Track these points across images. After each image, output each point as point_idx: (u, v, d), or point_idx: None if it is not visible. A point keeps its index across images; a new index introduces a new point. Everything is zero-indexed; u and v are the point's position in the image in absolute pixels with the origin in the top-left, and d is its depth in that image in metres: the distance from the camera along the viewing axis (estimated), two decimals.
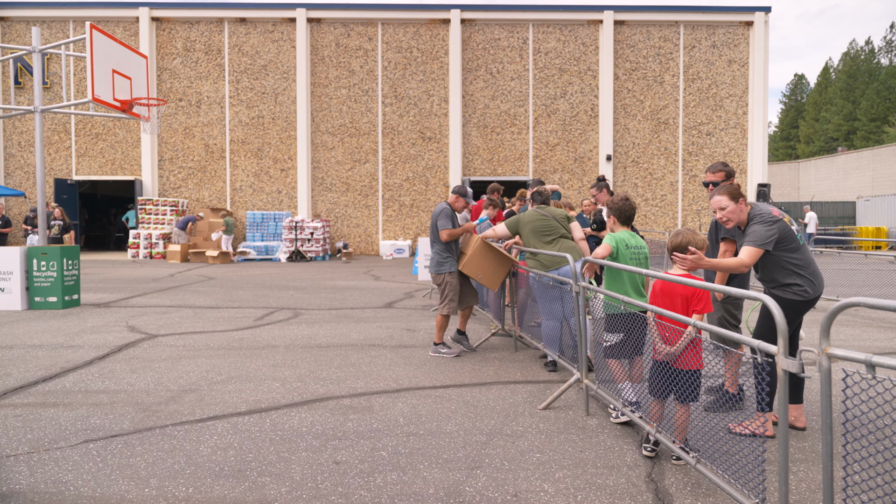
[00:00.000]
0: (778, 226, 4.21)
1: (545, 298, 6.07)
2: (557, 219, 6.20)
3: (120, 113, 10.71)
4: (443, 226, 6.70)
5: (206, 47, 23.81)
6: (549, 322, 6.08)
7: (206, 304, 10.69)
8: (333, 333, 8.11)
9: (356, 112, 23.99)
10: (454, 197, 7.05)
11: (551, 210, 6.30)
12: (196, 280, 14.77)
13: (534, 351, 7.09)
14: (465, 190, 7.05)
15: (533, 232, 6.19)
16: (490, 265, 6.70)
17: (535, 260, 6.16)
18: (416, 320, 9.20)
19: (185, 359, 6.63)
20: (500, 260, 6.75)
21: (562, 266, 5.91)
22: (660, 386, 3.91)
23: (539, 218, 6.23)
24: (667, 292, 3.98)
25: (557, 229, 6.15)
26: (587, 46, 24.07)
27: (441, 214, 6.76)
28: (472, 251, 6.65)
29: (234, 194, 24.03)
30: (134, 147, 23.88)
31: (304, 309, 10.25)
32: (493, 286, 6.78)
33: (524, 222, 6.30)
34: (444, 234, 6.67)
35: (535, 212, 6.30)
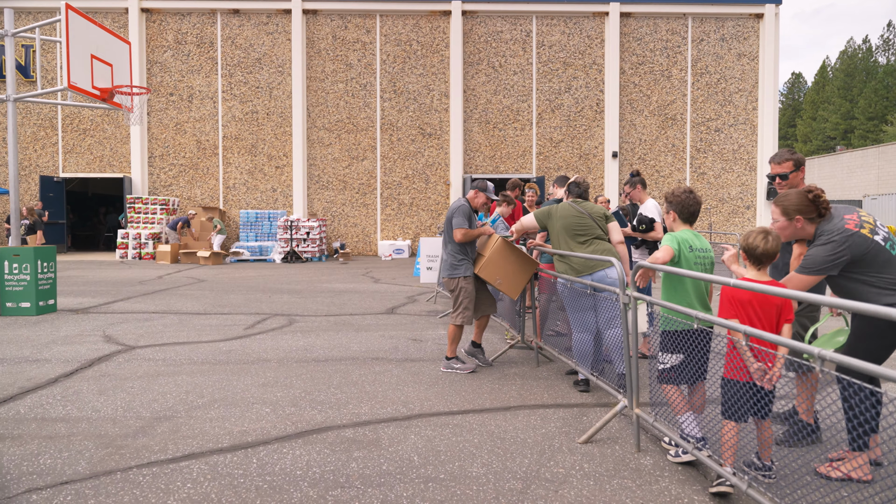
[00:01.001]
0: (848, 244, 3.43)
1: (576, 308, 5.29)
2: (594, 217, 5.41)
3: (100, 103, 9.89)
4: (458, 224, 5.91)
5: (198, 40, 22.96)
6: (580, 335, 5.30)
7: (194, 310, 9.88)
8: (332, 344, 7.31)
9: (354, 107, 23.17)
10: (473, 193, 6.26)
11: (588, 206, 5.50)
12: (185, 283, 13.95)
13: (558, 365, 6.31)
14: (486, 185, 6.27)
15: (565, 229, 5.41)
16: (511, 268, 5.91)
17: (564, 263, 5.37)
18: (421, 328, 8.41)
19: (164, 376, 5.82)
20: (523, 262, 5.96)
21: (597, 270, 5.13)
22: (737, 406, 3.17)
23: (573, 214, 5.44)
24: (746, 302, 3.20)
25: (593, 229, 5.36)
26: (592, 39, 23.29)
27: (458, 212, 5.97)
28: (491, 252, 5.86)
29: (228, 192, 23.18)
30: (123, 143, 23.02)
31: (299, 315, 9.44)
32: (514, 293, 5.99)
33: (556, 216, 5.50)
34: (459, 234, 5.88)
35: (569, 206, 5.50)
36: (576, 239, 5.35)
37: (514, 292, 5.98)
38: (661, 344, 3.83)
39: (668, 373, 3.80)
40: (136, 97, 10.32)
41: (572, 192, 5.67)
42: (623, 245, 5.42)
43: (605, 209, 5.50)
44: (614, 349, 5.13)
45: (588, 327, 5.28)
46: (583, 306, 5.25)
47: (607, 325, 5.20)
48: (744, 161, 23.55)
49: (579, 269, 5.20)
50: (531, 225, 5.79)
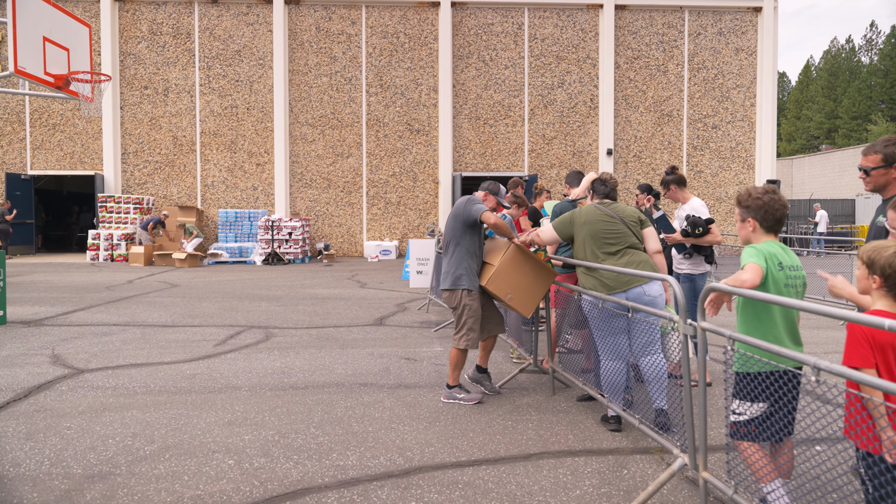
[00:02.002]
0: None
1: (607, 331, 4.41)
2: (627, 221, 4.53)
3: (54, 91, 8.87)
4: (480, 210, 5.01)
5: (174, 30, 21.84)
6: (611, 363, 4.42)
7: (160, 322, 8.90)
8: (313, 365, 6.38)
9: (338, 102, 22.17)
10: (483, 195, 5.37)
11: (619, 208, 4.61)
12: (156, 288, 12.94)
13: (576, 392, 5.43)
14: (499, 188, 5.38)
15: (592, 237, 4.52)
16: (525, 281, 5.02)
17: (592, 277, 4.48)
18: (414, 343, 7.50)
19: (111, 411, 4.87)
20: (539, 274, 5.07)
21: (633, 286, 4.26)
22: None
23: (602, 218, 4.55)
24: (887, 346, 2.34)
25: (625, 236, 4.48)
26: (586, 33, 22.46)
27: (470, 200, 5.12)
28: (503, 261, 4.96)
29: (206, 191, 22.10)
30: (95, 139, 21.86)
31: (277, 328, 8.50)
32: (527, 310, 5.09)
33: (580, 222, 4.61)
34: (492, 217, 4.93)
35: (595, 209, 4.61)
36: (604, 248, 4.47)
37: (528, 309, 5.09)
38: (737, 389, 2.96)
39: (745, 427, 2.93)
40: (95, 85, 9.30)
41: (598, 192, 4.78)
42: (661, 255, 4.54)
43: (638, 212, 4.62)
44: (653, 381, 4.27)
45: (621, 354, 4.41)
46: (614, 329, 4.38)
47: (643, 352, 4.34)
48: (741, 159, 22.86)
49: (611, 284, 4.32)
50: (552, 239, 4.87)
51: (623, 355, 4.42)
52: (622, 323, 4.36)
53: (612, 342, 4.40)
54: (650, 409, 4.57)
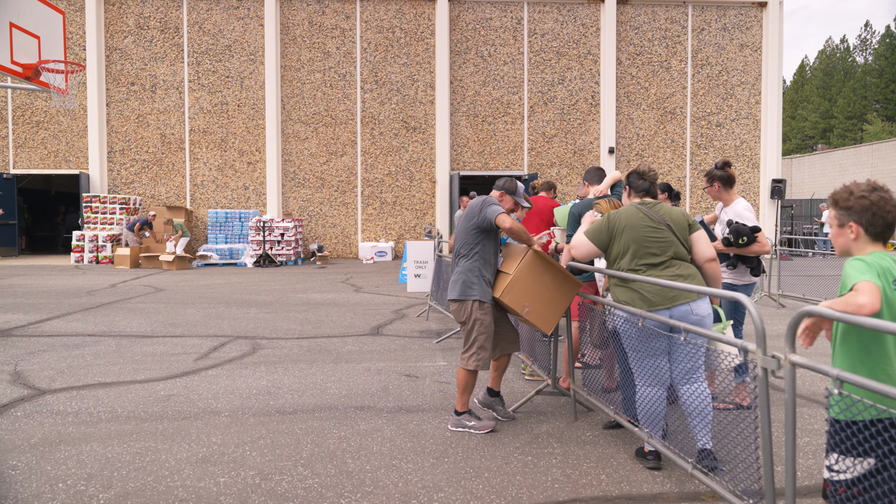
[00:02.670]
0: None
1: (644, 352, 3.77)
2: (674, 226, 3.85)
3: (23, 82, 8.18)
4: (498, 210, 4.37)
5: (162, 24, 21.12)
6: (649, 390, 3.79)
7: (139, 331, 8.22)
8: (303, 384, 5.73)
9: (332, 99, 21.49)
10: (498, 195, 4.72)
11: (664, 210, 3.92)
12: (140, 292, 12.25)
13: (600, 416, 4.80)
14: (516, 186, 4.72)
15: (635, 243, 3.85)
16: (545, 292, 4.37)
17: (629, 290, 3.82)
18: (415, 357, 6.85)
19: (68, 444, 4.21)
20: (561, 284, 4.43)
21: (679, 303, 3.62)
22: None
23: (645, 223, 3.86)
24: None
25: (672, 245, 3.81)
26: (587, 28, 21.85)
27: (486, 202, 4.48)
28: (520, 269, 4.32)
29: (195, 190, 21.38)
30: (80, 137, 21.11)
31: (265, 338, 7.84)
32: (547, 326, 4.45)
33: (619, 227, 3.91)
34: (508, 221, 4.28)
35: (636, 212, 3.92)
36: (647, 260, 3.80)
37: (548, 325, 4.44)
38: (837, 441, 2.33)
39: (846, 488, 2.31)
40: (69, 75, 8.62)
41: (636, 188, 4.09)
42: (716, 263, 3.84)
43: (687, 214, 3.93)
44: (696, 415, 3.63)
45: (660, 379, 3.78)
46: (654, 351, 3.74)
47: (685, 379, 3.70)
48: (746, 158, 22.29)
49: (654, 300, 3.67)
50: (590, 252, 4.10)
51: (663, 380, 3.79)
52: (663, 344, 3.73)
53: (650, 365, 3.77)
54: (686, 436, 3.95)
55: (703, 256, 3.85)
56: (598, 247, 4.01)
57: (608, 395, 4.85)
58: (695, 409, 3.61)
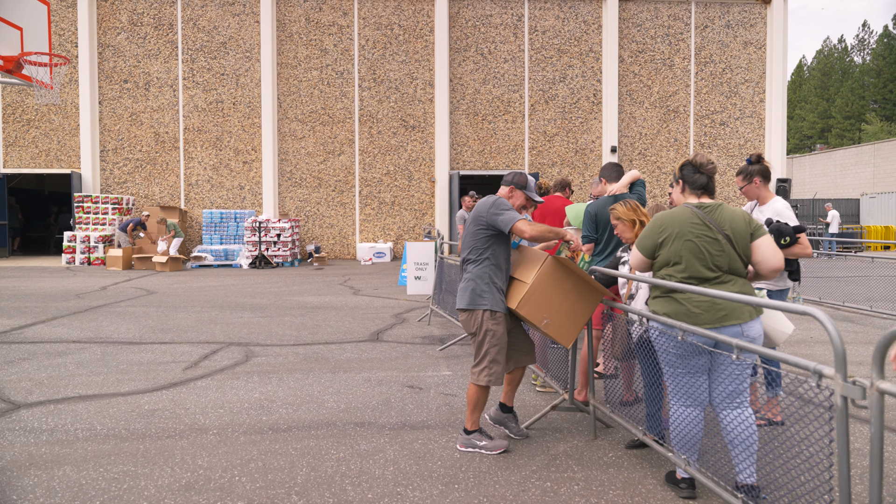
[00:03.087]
0: None
1: (682, 369, 3.38)
2: (734, 235, 3.32)
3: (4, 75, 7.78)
4: (515, 217, 3.94)
5: (156, 21, 20.71)
6: (684, 410, 3.41)
7: (126, 337, 7.82)
8: (299, 396, 5.34)
9: (329, 97, 21.09)
10: (507, 191, 4.30)
11: (723, 214, 3.38)
12: (131, 295, 11.85)
13: (622, 433, 4.41)
14: (526, 180, 4.31)
15: (686, 254, 3.35)
16: (566, 302, 3.98)
17: (673, 301, 3.40)
18: (418, 365, 6.46)
19: (39, 468, 3.82)
20: (583, 292, 4.03)
21: (729, 323, 3.21)
22: None
23: (699, 231, 3.35)
24: None
25: (728, 257, 3.31)
26: (589, 25, 21.48)
27: (497, 204, 4.05)
28: (539, 276, 3.92)
29: (189, 190, 20.97)
30: (72, 136, 20.69)
31: (259, 345, 7.44)
32: (567, 338, 4.05)
33: (670, 233, 3.40)
34: (527, 227, 3.87)
35: (691, 215, 3.40)
36: (698, 273, 3.32)
37: (568, 338, 4.05)
38: None
39: None
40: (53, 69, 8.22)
41: (693, 185, 3.52)
42: (777, 273, 3.36)
43: (749, 218, 3.40)
44: (738, 445, 3.24)
45: (697, 399, 3.39)
46: (693, 368, 3.35)
47: (727, 403, 3.31)
48: None
49: (702, 315, 3.26)
50: (642, 264, 3.58)
51: (701, 401, 3.40)
52: (703, 361, 3.34)
53: (688, 384, 3.38)
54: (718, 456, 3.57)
55: (767, 266, 3.32)
56: (644, 255, 3.52)
57: (628, 410, 4.47)
58: (737, 438, 3.21)
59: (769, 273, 3.32)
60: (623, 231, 4.23)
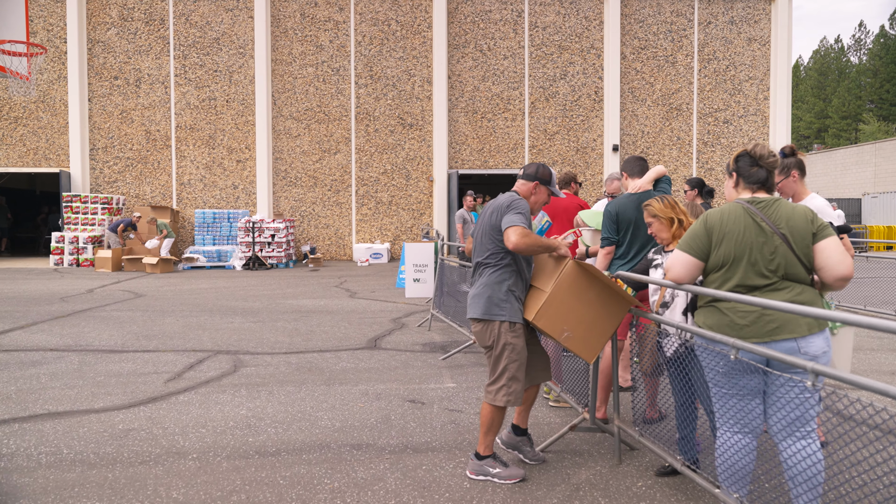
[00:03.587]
0: None
1: (730, 390, 2.93)
2: (791, 236, 2.84)
3: None
4: (514, 221, 3.45)
5: (147, 16, 20.19)
6: (733, 437, 2.95)
7: (108, 344, 7.34)
8: (290, 413, 4.86)
9: (325, 94, 20.61)
10: (532, 186, 3.80)
11: (782, 210, 2.89)
12: (118, 298, 11.36)
13: (649, 458, 3.95)
14: (551, 174, 3.83)
15: (736, 257, 2.89)
16: (589, 313, 3.52)
17: (717, 312, 2.94)
18: (419, 376, 6.00)
19: None
20: (609, 302, 3.57)
21: (779, 339, 2.75)
22: None
23: (752, 231, 2.88)
24: None
25: (784, 259, 2.84)
26: (590, 21, 21.04)
27: (512, 206, 3.56)
28: (558, 286, 3.47)
29: (181, 189, 20.46)
30: (61, 134, 20.16)
31: (249, 353, 6.97)
32: (590, 353, 3.59)
33: (719, 231, 2.92)
34: (515, 236, 3.38)
35: (742, 212, 2.93)
36: (750, 279, 2.86)
37: (591, 352, 3.58)
38: None
39: None
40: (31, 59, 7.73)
41: (749, 178, 3.00)
42: (846, 283, 2.86)
43: (813, 215, 2.89)
44: (801, 483, 2.77)
45: (749, 425, 2.93)
46: (742, 389, 2.89)
47: (788, 433, 2.84)
48: None
49: (748, 328, 2.81)
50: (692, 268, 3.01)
51: (753, 426, 2.94)
52: (755, 382, 2.88)
53: (736, 407, 2.92)
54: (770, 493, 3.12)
55: (832, 273, 2.81)
56: (697, 257, 3.00)
57: (654, 429, 4.01)
58: (801, 475, 2.74)
59: (835, 282, 2.83)
60: (659, 230, 3.75)
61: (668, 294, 3.49)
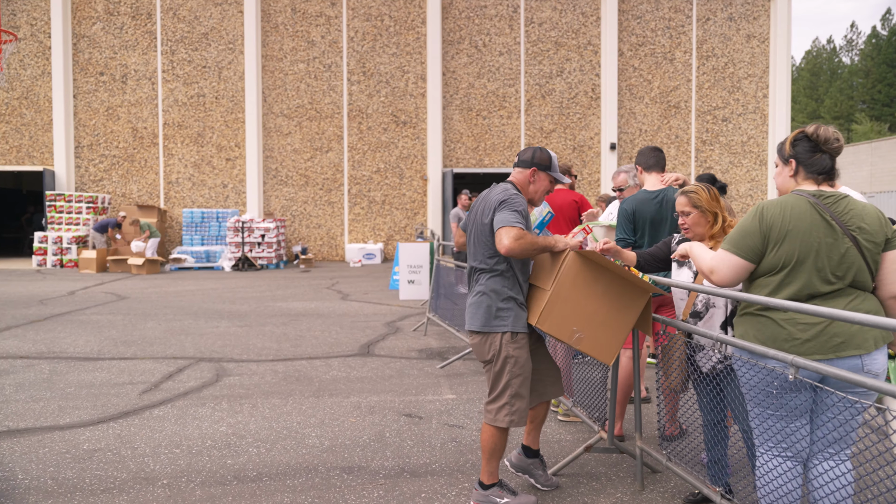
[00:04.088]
0: None
1: (776, 411, 2.52)
2: (863, 237, 2.43)
3: None
4: (506, 220, 2.99)
5: (134, 10, 19.68)
6: (778, 462, 2.55)
7: (83, 352, 6.88)
8: (274, 430, 4.43)
9: (317, 91, 20.15)
10: (529, 173, 3.35)
11: (853, 207, 2.47)
12: (100, 301, 10.88)
13: (675, 482, 3.54)
14: (550, 158, 3.38)
15: (800, 259, 2.46)
16: (601, 307, 3.06)
17: (770, 323, 2.50)
18: (416, 387, 5.58)
19: None
20: (622, 291, 3.08)
21: (844, 356, 2.35)
22: None
23: (820, 229, 2.46)
24: None
25: (853, 263, 2.43)
26: (587, 17, 20.65)
27: (506, 203, 3.10)
28: (560, 281, 3.02)
29: (169, 188, 19.95)
30: (45, 131, 19.63)
31: (234, 361, 6.53)
32: (608, 354, 3.12)
33: (781, 228, 2.48)
34: (508, 240, 2.94)
35: (807, 206, 2.49)
36: (813, 286, 2.45)
37: (609, 353, 3.13)
38: None
39: None
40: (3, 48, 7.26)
41: (810, 167, 2.57)
42: None
43: (883, 215, 2.49)
44: None
45: (794, 448, 2.53)
46: (791, 409, 2.49)
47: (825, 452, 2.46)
48: (754, 154, 21.20)
49: (810, 343, 2.40)
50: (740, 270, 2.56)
51: (799, 451, 2.54)
52: (805, 400, 2.48)
53: (783, 429, 2.52)
54: None
55: (889, 290, 2.46)
56: (749, 260, 2.55)
57: (678, 450, 3.60)
58: (827, 499, 2.36)
59: (889, 299, 2.45)
60: (695, 224, 3.19)
61: (699, 302, 3.07)
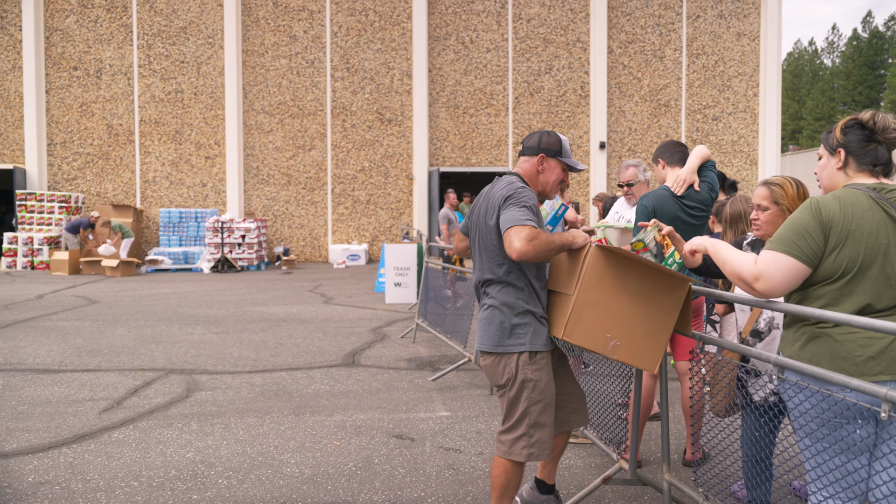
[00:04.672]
0: None
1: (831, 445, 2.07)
2: None
3: None
4: (517, 219, 2.54)
5: (109, 3, 18.97)
6: None
7: (43, 363, 6.32)
8: (248, 456, 3.93)
9: (299, 87, 19.58)
10: (537, 161, 2.85)
11: None
12: (68, 305, 10.28)
13: None
14: (560, 143, 2.87)
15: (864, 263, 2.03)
16: (636, 307, 2.55)
17: (828, 340, 2.05)
18: (406, 402, 5.09)
19: None
20: (657, 286, 2.60)
21: None
22: None
23: (885, 226, 2.04)
24: None
25: None
26: (576, 13, 20.27)
27: (513, 199, 2.62)
28: (584, 282, 2.52)
29: (146, 188, 19.28)
30: (16, 127, 18.88)
31: (207, 372, 6.01)
32: (650, 360, 2.59)
33: (842, 227, 2.05)
34: (521, 241, 2.46)
35: (865, 198, 2.08)
36: (885, 296, 2.04)
37: (651, 359, 2.61)
38: None
39: None
40: None
41: (863, 159, 2.15)
42: None
43: None
44: None
45: (854, 489, 2.09)
46: (849, 443, 2.04)
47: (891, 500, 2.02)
48: (744, 154, 20.94)
49: (872, 363, 1.96)
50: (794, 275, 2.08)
51: (859, 492, 2.10)
52: (868, 433, 2.03)
53: (840, 466, 2.07)
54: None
55: None
56: (807, 263, 2.09)
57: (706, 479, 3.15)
58: None
59: None
60: (769, 223, 2.74)
61: (762, 321, 2.62)
